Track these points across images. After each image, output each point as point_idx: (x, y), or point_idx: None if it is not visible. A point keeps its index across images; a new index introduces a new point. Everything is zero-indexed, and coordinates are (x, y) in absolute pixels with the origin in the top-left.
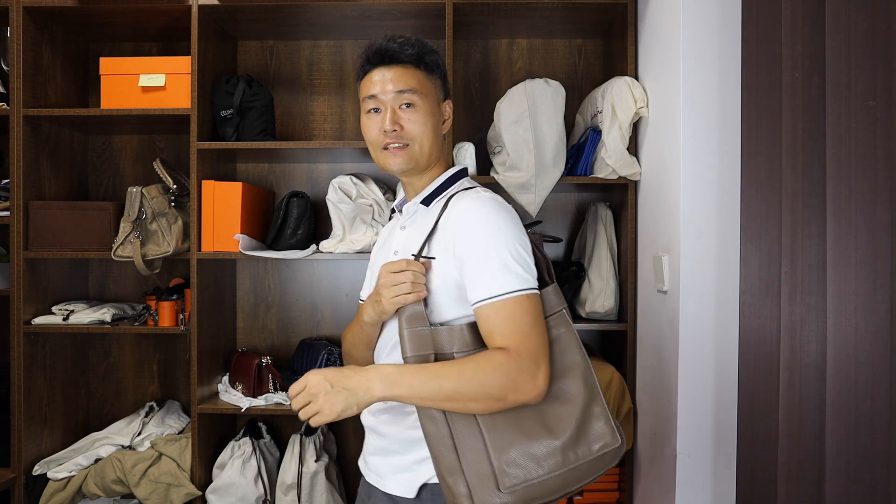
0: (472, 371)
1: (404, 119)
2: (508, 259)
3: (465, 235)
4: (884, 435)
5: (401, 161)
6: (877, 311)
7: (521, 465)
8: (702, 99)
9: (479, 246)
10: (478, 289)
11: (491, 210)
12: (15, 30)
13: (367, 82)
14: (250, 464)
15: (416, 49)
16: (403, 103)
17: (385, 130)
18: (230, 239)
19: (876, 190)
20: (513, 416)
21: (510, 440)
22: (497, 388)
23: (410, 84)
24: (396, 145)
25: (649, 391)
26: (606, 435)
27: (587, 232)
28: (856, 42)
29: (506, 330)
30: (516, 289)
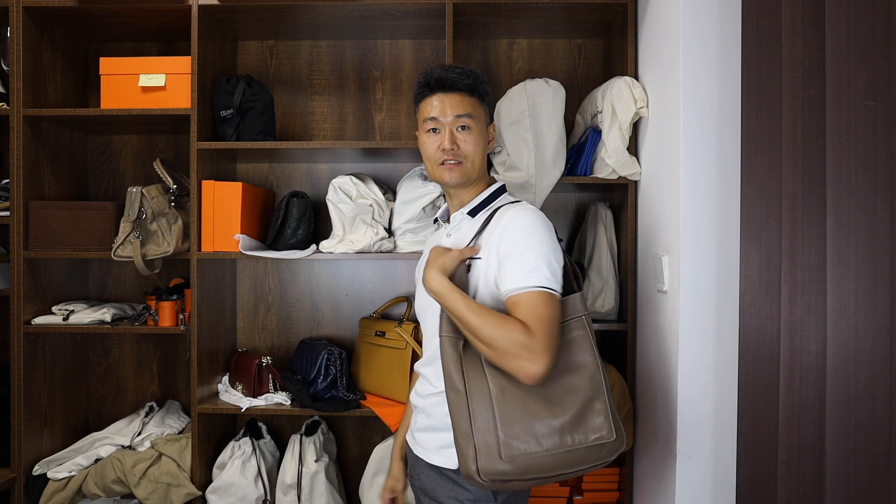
0: (495, 322)
1: (460, 140)
2: (541, 262)
3: (509, 237)
4: (884, 435)
5: (456, 176)
6: (877, 311)
7: (523, 439)
8: (702, 99)
9: (519, 246)
10: (512, 281)
11: (534, 220)
12: (15, 30)
13: (427, 106)
14: (250, 464)
15: (472, 80)
16: (460, 126)
17: (444, 149)
18: (230, 239)
19: (876, 190)
20: (522, 396)
21: (516, 417)
22: (502, 344)
23: (467, 110)
24: (452, 162)
25: (649, 391)
26: (604, 429)
27: (587, 232)
28: (856, 42)
29: (530, 316)
30: (543, 285)
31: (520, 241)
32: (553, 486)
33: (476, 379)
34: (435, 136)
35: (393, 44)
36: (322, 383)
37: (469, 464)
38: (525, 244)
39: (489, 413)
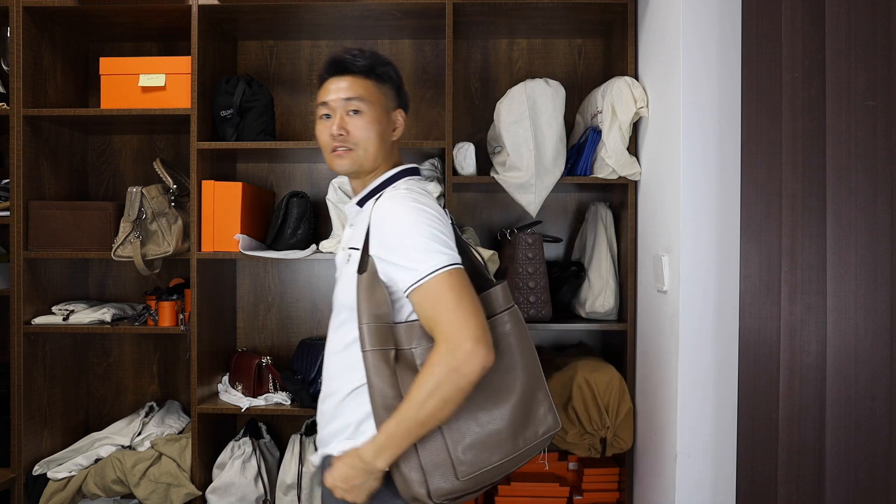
0: (424, 393)
1: (350, 124)
2: (419, 240)
3: (386, 237)
4: (884, 435)
5: (346, 163)
6: (877, 311)
7: (477, 454)
8: (702, 99)
9: (392, 240)
10: (403, 280)
11: (399, 204)
12: (15, 30)
13: (323, 90)
14: (250, 464)
15: (369, 61)
16: (351, 110)
17: (332, 134)
18: (230, 239)
19: (876, 190)
20: (468, 407)
21: (464, 430)
22: (447, 385)
23: (358, 92)
24: (342, 148)
25: (649, 391)
26: (549, 419)
27: (587, 232)
28: (856, 42)
29: (435, 315)
30: (433, 269)
31: (394, 238)
32: (553, 485)
33: None
34: (327, 122)
35: (393, 44)
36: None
37: (416, 489)
38: (396, 233)
39: (436, 432)
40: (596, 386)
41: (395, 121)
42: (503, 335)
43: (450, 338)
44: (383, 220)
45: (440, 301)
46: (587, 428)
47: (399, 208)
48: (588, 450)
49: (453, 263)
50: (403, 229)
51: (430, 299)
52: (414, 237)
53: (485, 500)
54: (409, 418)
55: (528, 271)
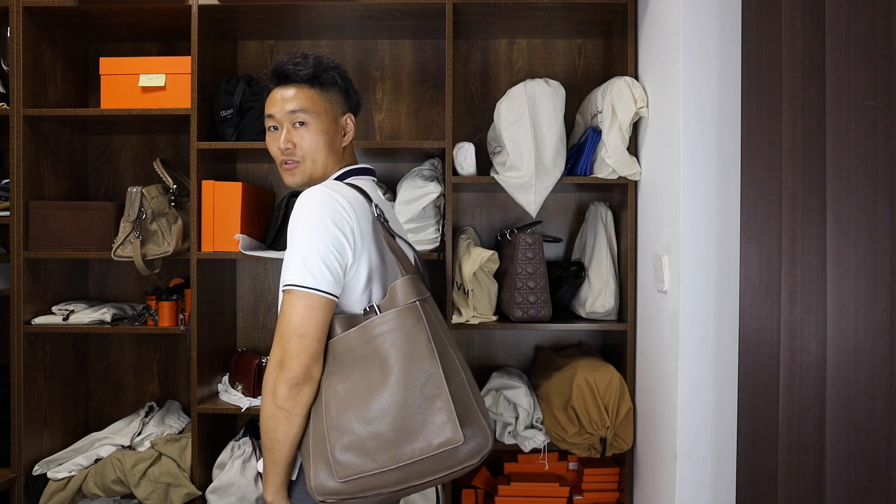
0: (261, 420)
1: (297, 137)
2: (297, 251)
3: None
4: (884, 435)
5: (297, 178)
6: (877, 311)
7: (355, 457)
8: (702, 99)
9: (288, 237)
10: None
11: (305, 201)
12: (15, 30)
13: (269, 101)
14: (250, 464)
15: (311, 69)
16: (297, 122)
17: (280, 148)
18: (230, 239)
19: (876, 190)
20: (349, 408)
21: (342, 430)
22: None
23: (303, 104)
24: (291, 163)
25: (649, 391)
26: (448, 431)
27: (587, 232)
28: (856, 42)
29: (278, 324)
30: (292, 283)
31: (289, 233)
32: (553, 485)
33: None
34: (275, 134)
35: (393, 44)
36: None
37: (309, 481)
38: (291, 231)
39: (320, 428)
40: (596, 386)
41: (345, 126)
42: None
43: (271, 356)
44: (292, 217)
45: (284, 316)
46: (587, 428)
47: (299, 211)
48: (588, 450)
49: (305, 287)
50: (294, 229)
51: (281, 308)
52: (295, 245)
53: (485, 499)
54: (265, 446)
55: (528, 271)
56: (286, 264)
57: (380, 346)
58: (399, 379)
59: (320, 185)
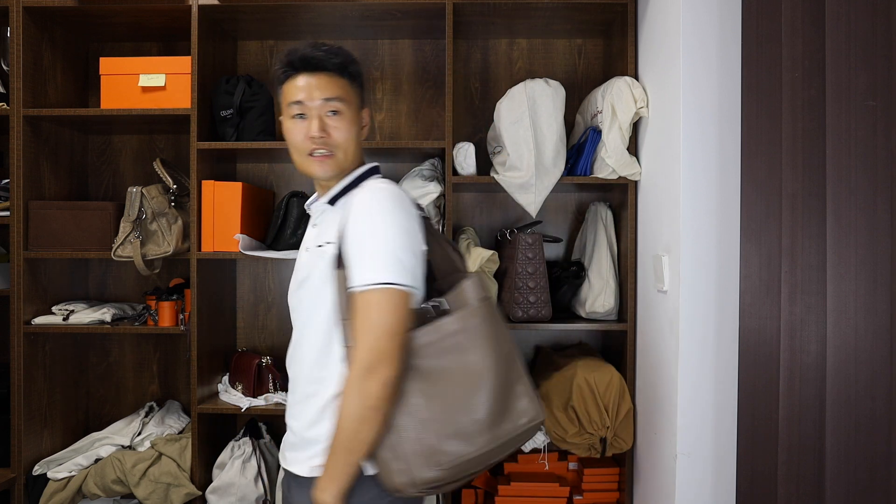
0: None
1: (331, 126)
2: (380, 247)
3: (351, 222)
4: (884, 435)
5: (328, 169)
6: (877, 311)
7: (455, 443)
8: (702, 99)
9: (358, 232)
10: (352, 277)
11: (378, 198)
12: (15, 30)
13: (292, 88)
14: (250, 464)
15: (342, 58)
16: (330, 111)
17: (312, 136)
18: (230, 239)
19: (876, 190)
20: (446, 398)
21: (443, 421)
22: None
23: (337, 92)
24: (322, 152)
25: (649, 391)
26: (531, 411)
27: (587, 232)
28: (856, 42)
29: (358, 327)
30: (380, 281)
31: (359, 225)
32: (553, 485)
33: None
34: (301, 123)
35: (393, 44)
36: None
37: (397, 477)
38: (365, 226)
39: (414, 420)
40: (596, 386)
41: (364, 120)
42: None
43: (359, 357)
44: (360, 212)
45: (368, 318)
46: (587, 428)
47: (378, 206)
48: (588, 450)
49: (397, 284)
50: (374, 229)
51: (359, 310)
52: (379, 241)
53: (485, 500)
54: (340, 446)
55: (528, 271)
56: (364, 261)
57: (467, 339)
58: (490, 367)
59: (376, 181)
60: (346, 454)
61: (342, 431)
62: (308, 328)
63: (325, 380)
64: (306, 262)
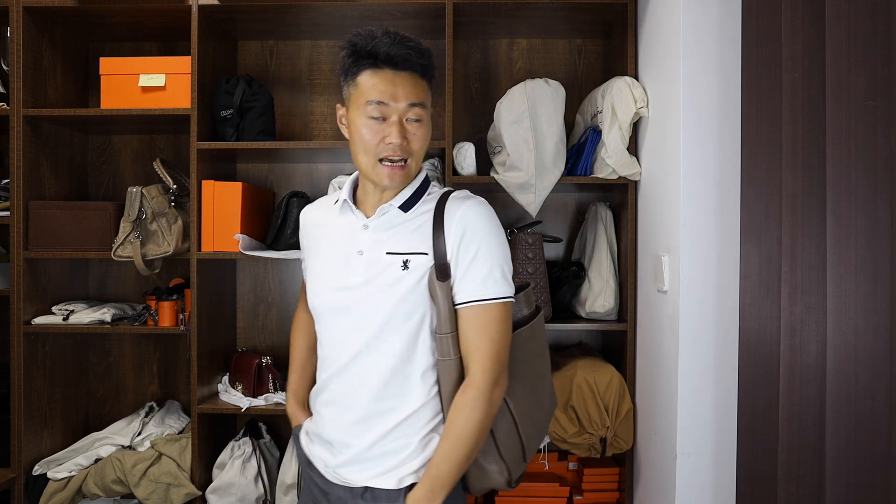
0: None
1: (411, 134)
2: (501, 265)
3: (468, 238)
4: (884, 435)
5: (398, 179)
6: (877, 311)
7: (538, 437)
8: (702, 99)
9: (478, 249)
10: (468, 289)
11: (489, 214)
12: (15, 30)
13: (372, 84)
14: (250, 464)
15: (427, 59)
16: (412, 117)
17: (391, 143)
18: (230, 239)
19: (876, 190)
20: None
21: (529, 418)
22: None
23: (421, 97)
24: (397, 160)
25: (649, 391)
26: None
27: (587, 232)
28: (856, 42)
29: (479, 340)
30: (499, 296)
31: (479, 245)
32: (553, 486)
33: None
34: (378, 125)
35: None
36: None
37: (496, 478)
38: (484, 247)
39: (510, 424)
40: (596, 386)
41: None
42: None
43: (487, 373)
44: (478, 229)
45: (488, 330)
46: (587, 428)
47: (490, 222)
48: (588, 450)
49: (512, 298)
50: (491, 245)
51: (480, 321)
52: (499, 257)
53: (485, 500)
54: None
55: (528, 271)
56: (487, 277)
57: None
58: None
59: (465, 193)
60: (464, 464)
61: (465, 443)
62: (384, 340)
63: (407, 394)
64: (370, 265)
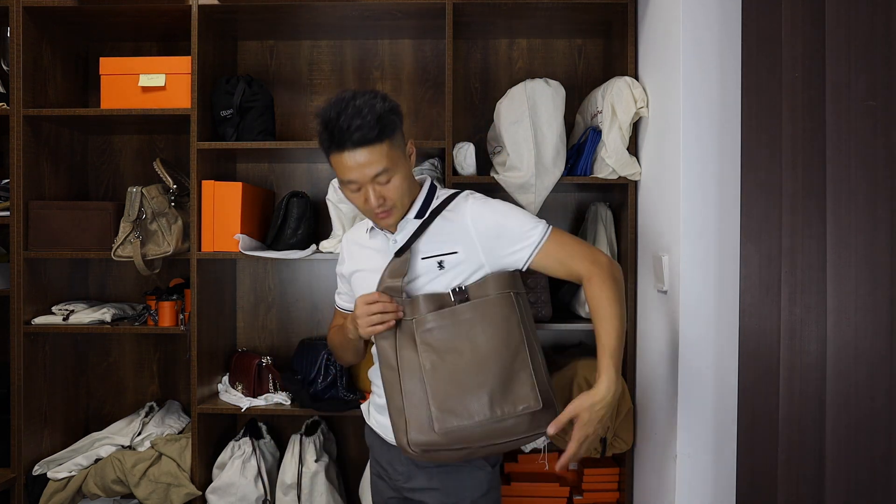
0: (618, 305)
1: (386, 192)
2: (521, 215)
3: (488, 223)
4: (884, 435)
5: (392, 221)
6: (877, 311)
7: (456, 413)
8: (702, 99)
9: (504, 221)
10: (524, 248)
11: (493, 200)
12: (15, 30)
13: (342, 167)
14: (250, 464)
15: (378, 126)
16: (380, 181)
17: (370, 206)
18: (230, 239)
19: (876, 190)
20: (453, 370)
21: (447, 391)
22: (620, 289)
23: (384, 164)
24: (383, 210)
25: (649, 391)
26: (530, 399)
27: (587, 232)
28: (856, 42)
29: (567, 255)
30: (543, 234)
31: (500, 219)
32: (553, 486)
33: (408, 355)
34: (357, 194)
35: (393, 44)
36: (322, 383)
37: (400, 436)
38: (505, 217)
39: (420, 388)
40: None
41: (410, 153)
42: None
43: (594, 261)
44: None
45: (565, 245)
46: None
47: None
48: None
49: (549, 226)
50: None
51: (556, 248)
52: (515, 217)
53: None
54: (621, 331)
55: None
56: (526, 221)
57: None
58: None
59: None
60: (622, 334)
61: (615, 314)
62: None
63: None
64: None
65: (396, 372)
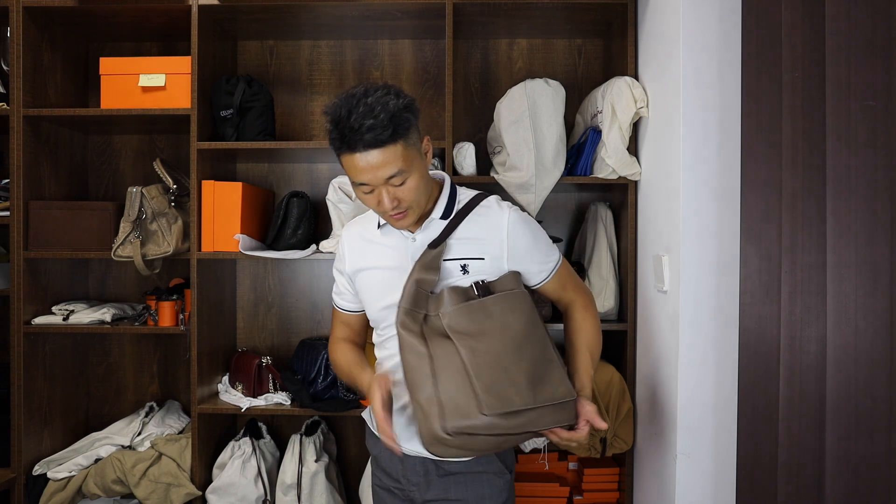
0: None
1: (400, 194)
2: (545, 239)
3: (519, 241)
4: (884, 435)
5: (408, 222)
6: (877, 311)
7: (500, 395)
8: (702, 99)
9: (530, 243)
10: (542, 271)
11: (527, 217)
12: (15, 30)
13: (353, 169)
14: (250, 464)
15: (391, 126)
16: (394, 183)
17: (384, 208)
18: (230, 239)
19: (876, 190)
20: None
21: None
22: (597, 320)
23: (398, 166)
24: (398, 212)
25: (649, 391)
26: (566, 388)
27: (587, 232)
28: (856, 42)
29: (568, 283)
30: (560, 257)
31: (534, 242)
32: (553, 486)
33: (441, 343)
34: (371, 195)
35: (393, 44)
36: (322, 383)
37: (432, 422)
38: (536, 241)
39: (460, 373)
40: (596, 386)
41: (426, 150)
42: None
43: (585, 291)
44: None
45: (569, 274)
46: None
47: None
48: (588, 450)
49: (561, 256)
50: (536, 233)
51: (564, 276)
52: (543, 241)
53: None
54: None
55: None
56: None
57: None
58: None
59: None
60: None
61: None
62: None
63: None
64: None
65: (427, 358)
